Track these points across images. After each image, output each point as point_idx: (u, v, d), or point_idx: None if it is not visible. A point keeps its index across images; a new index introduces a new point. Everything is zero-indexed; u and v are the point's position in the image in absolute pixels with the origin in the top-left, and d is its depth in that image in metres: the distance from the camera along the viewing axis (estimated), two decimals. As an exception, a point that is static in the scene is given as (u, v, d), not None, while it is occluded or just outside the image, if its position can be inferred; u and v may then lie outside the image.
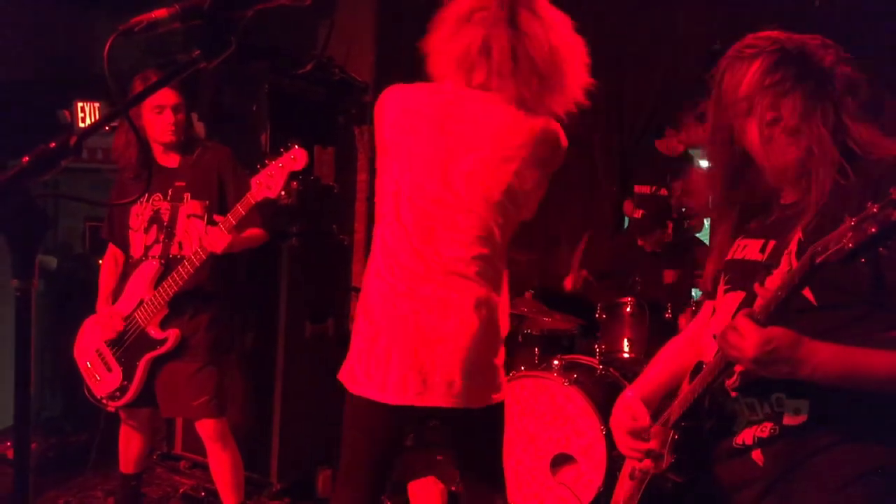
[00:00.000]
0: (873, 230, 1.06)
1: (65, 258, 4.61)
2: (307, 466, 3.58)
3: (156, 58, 3.06)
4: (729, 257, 1.55)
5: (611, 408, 1.74)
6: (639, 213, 4.32)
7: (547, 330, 3.78)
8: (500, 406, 2.03)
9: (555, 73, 1.89)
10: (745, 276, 1.46)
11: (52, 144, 0.92)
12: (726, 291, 1.52)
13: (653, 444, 1.58)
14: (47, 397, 4.52)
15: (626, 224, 4.72)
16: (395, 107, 1.99)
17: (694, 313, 3.30)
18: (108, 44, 0.97)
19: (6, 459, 3.67)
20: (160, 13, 0.98)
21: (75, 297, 2.99)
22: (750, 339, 1.22)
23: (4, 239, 0.93)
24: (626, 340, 3.65)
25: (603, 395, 3.28)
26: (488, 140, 1.90)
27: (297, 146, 2.56)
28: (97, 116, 4.49)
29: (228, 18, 1.00)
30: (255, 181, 2.58)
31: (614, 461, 3.10)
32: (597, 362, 3.56)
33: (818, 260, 1.14)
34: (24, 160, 0.90)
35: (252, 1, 1.01)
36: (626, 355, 3.63)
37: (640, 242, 4.10)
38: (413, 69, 2.49)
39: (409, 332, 1.87)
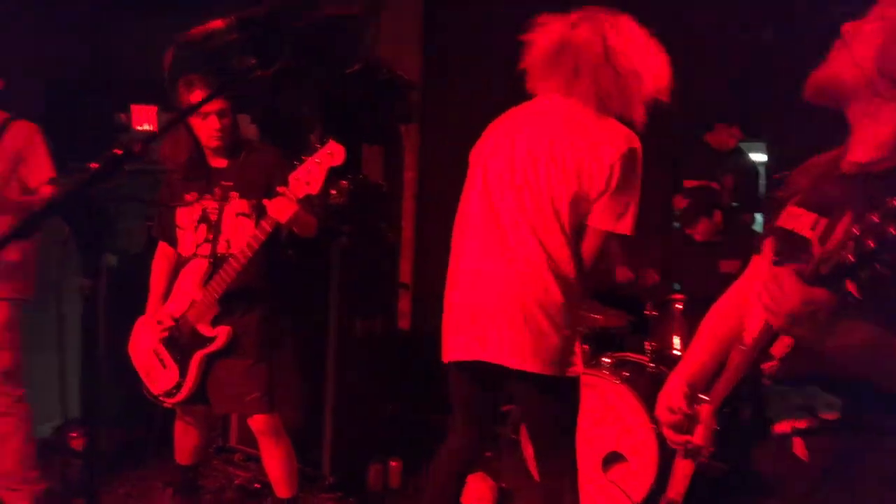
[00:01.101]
0: (871, 245, 1.01)
1: (123, 257, 4.75)
2: (359, 460, 3.64)
3: (207, 61, 3.12)
4: (780, 223, 1.50)
5: None
6: (684, 203, 4.26)
7: (597, 327, 3.77)
8: (565, 382, 2.26)
9: (631, 80, 2.12)
10: (792, 251, 1.39)
11: (118, 151, 0.97)
12: (774, 263, 1.46)
13: (695, 436, 1.58)
14: (109, 392, 4.68)
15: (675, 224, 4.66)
16: (488, 136, 2.38)
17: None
18: (169, 56, 1.01)
19: (71, 450, 3.81)
20: (217, 24, 1.01)
21: (134, 296, 3.06)
22: (792, 293, 1.18)
23: (73, 241, 0.98)
24: (677, 337, 3.62)
25: (654, 394, 3.24)
26: (562, 136, 2.16)
27: (333, 141, 2.55)
28: (153, 119, 4.62)
29: (282, 28, 1.03)
30: (293, 178, 2.59)
31: (666, 460, 3.08)
32: (647, 360, 3.54)
33: (822, 271, 1.11)
34: (92, 166, 0.95)
35: (304, 11, 1.04)
36: (677, 352, 3.59)
37: (687, 231, 4.04)
38: (458, 67, 2.56)
39: (471, 297, 2.26)
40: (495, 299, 2.20)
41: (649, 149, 4.47)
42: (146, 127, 4.68)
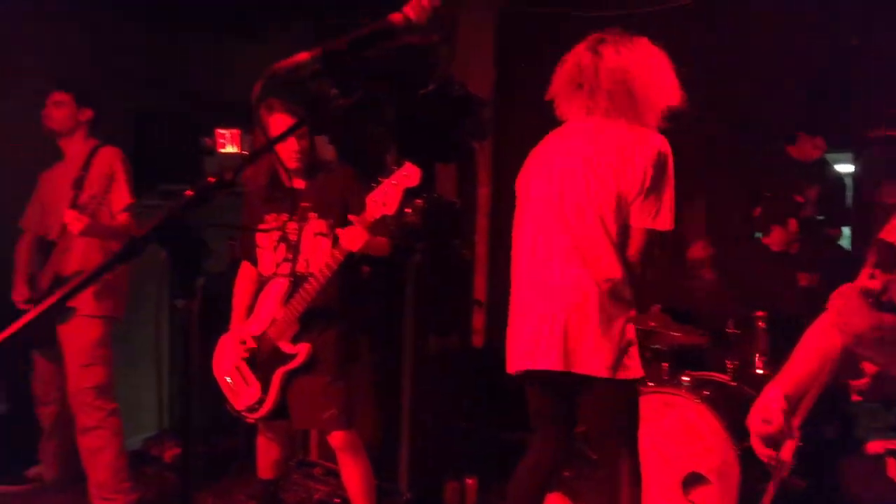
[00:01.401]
0: None
1: (208, 276, 4.93)
2: (436, 477, 3.66)
3: (291, 89, 3.22)
4: (883, 235, 1.46)
5: (744, 426, 1.71)
6: (757, 212, 4.14)
7: (676, 345, 3.69)
8: (621, 386, 2.32)
9: (641, 95, 2.33)
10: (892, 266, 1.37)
11: (211, 179, 1.03)
12: (871, 277, 1.43)
13: (783, 451, 1.55)
14: (196, 405, 4.84)
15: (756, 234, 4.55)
16: (529, 164, 2.56)
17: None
18: (257, 88, 1.07)
19: (161, 462, 3.96)
20: (303, 56, 1.06)
21: (218, 313, 3.17)
22: (861, 316, 1.17)
23: (169, 264, 1.04)
24: (759, 356, 3.51)
25: (736, 414, 3.16)
26: (594, 150, 2.33)
27: (408, 163, 2.61)
28: (236, 142, 4.80)
29: (363, 58, 1.07)
30: (369, 200, 2.65)
31: (749, 481, 2.99)
32: (729, 379, 3.45)
33: (887, 297, 1.08)
34: (187, 194, 1.01)
35: (384, 41, 1.09)
36: (759, 371, 3.48)
37: (763, 241, 3.93)
38: (530, 83, 2.61)
39: (528, 310, 2.39)
40: (550, 308, 2.32)
41: (727, 161, 4.41)
42: (230, 150, 4.87)
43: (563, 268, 2.33)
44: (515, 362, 2.46)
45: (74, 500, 3.58)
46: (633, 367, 2.35)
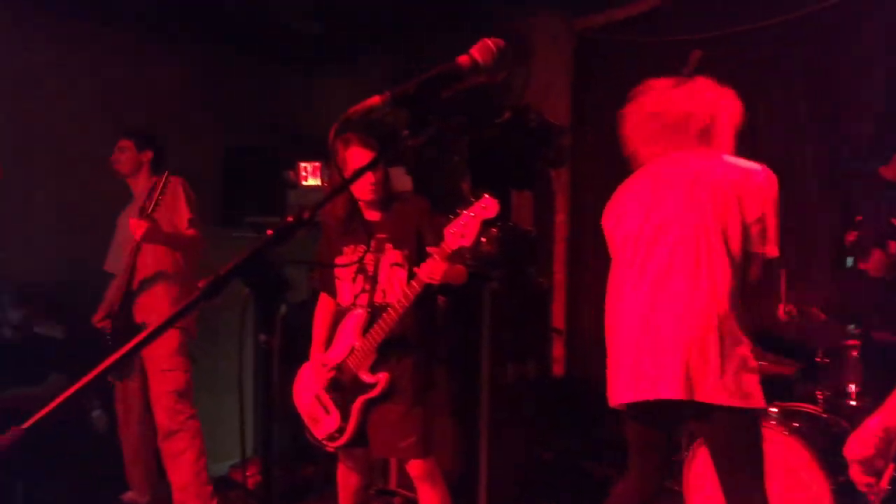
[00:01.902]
0: None
1: (289, 306, 5.08)
2: (514, 506, 3.64)
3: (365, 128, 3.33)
4: None
5: (838, 460, 1.68)
6: (854, 236, 3.97)
7: (763, 374, 3.57)
8: (743, 414, 2.27)
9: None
10: None
11: (290, 218, 1.08)
12: None
13: (882, 481, 1.52)
14: (276, 433, 4.97)
15: (848, 260, 4.36)
16: (611, 208, 2.64)
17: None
18: (333, 131, 1.12)
19: (244, 489, 4.08)
20: (374, 101, 1.11)
21: (301, 342, 3.27)
22: None
23: (252, 299, 1.10)
24: (853, 386, 3.36)
25: (829, 447, 3.04)
26: (688, 183, 2.38)
27: (487, 195, 2.64)
28: (317, 175, 4.95)
29: (432, 99, 1.11)
30: (448, 231, 2.69)
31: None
32: (821, 410, 3.31)
33: None
34: (268, 233, 1.07)
35: (451, 83, 1.13)
36: (853, 403, 3.34)
37: (861, 266, 3.76)
38: (606, 109, 2.63)
39: (632, 337, 2.38)
40: (664, 336, 2.30)
41: (817, 185, 4.26)
42: (312, 182, 5.03)
43: (680, 296, 2.31)
44: (623, 394, 2.43)
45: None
46: (756, 397, 2.30)
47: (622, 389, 2.43)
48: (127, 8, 4.65)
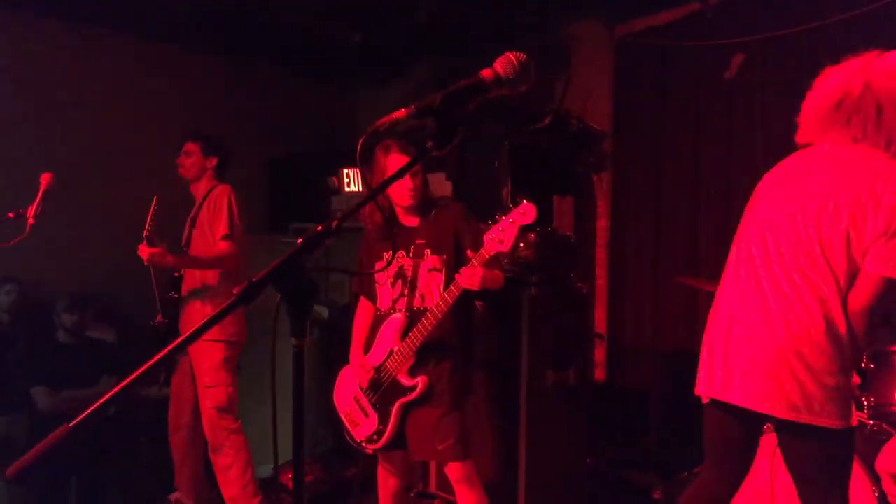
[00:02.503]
0: None
1: (333, 309, 5.17)
2: (553, 512, 3.64)
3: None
4: None
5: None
6: None
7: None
8: (827, 433, 2.16)
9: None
10: None
11: (319, 228, 1.13)
12: None
13: None
14: (320, 434, 5.05)
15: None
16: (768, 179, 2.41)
17: None
18: (361, 142, 1.17)
19: (289, 490, 4.16)
20: (399, 114, 1.16)
21: (343, 344, 3.33)
22: None
23: (284, 304, 1.15)
24: (898, 393, 3.29)
25: (874, 454, 2.98)
26: (838, 181, 2.16)
27: (525, 201, 2.66)
28: (359, 180, 5.03)
29: (456, 112, 1.15)
30: (487, 237, 2.72)
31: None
32: (866, 417, 3.25)
33: None
34: (298, 242, 1.12)
35: (475, 95, 1.16)
36: (898, 410, 3.27)
37: None
38: (648, 114, 2.60)
39: (735, 342, 2.30)
40: (757, 342, 2.23)
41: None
42: (354, 189, 5.12)
43: (779, 299, 2.20)
44: (711, 388, 2.36)
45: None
46: (852, 416, 2.21)
47: (710, 382, 2.36)
48: (172, 22, 4.79)
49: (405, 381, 2.99)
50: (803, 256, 2.19)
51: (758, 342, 2.23)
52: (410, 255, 3.08)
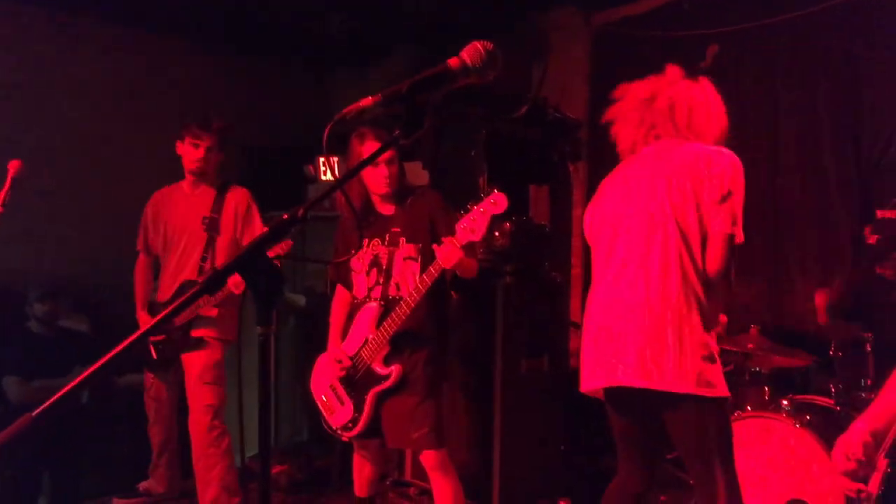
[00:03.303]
0: None
1: (310, 296, 5.16)
2: (528, 499, 3.67)
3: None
4: None
5: None
6: (874, 239, 3.92)
7: (777, 368, 3.57)
8: (705, 403, 2.25)
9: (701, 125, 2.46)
10: None
11: (285, 216, 1.13)
12: None
13: (870, 485, 1.51)
14: (298, 424, 5.05)
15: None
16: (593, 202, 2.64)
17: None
18: (327, 130, 1.16)
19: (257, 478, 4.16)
20: (366, 102, 1.15)
21: (321, 333, 3.33)
22: None
23: (251, 293, 1.14)
24: (865, 380, 3.35)
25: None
26: (670, 165, 2.38)
27: (496, 191, 2.68)
28: (336, 169, 5.01)
29: (423, 100, 1.15)
30: (459, 226, 2.73)
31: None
32: (833, 403, 3.31)
33: None
34: (264, 230, 1.11)
35: (442, 84, 1.16)
36: (865, 396, 3.32)
37: (878, 270, 3.73)
38: None
39: (602, 325, 2.40)
40: (621, 325, 2.33)
41: (832, 177, 4.22)
42: (331, 177, 5.09)
43: (636, 285, 2.33)
44: (589, 380, 2.47)
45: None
46: (719, 386, 2.27)
47: (586, 376, 2.47)
48: (146, 7, 4.72)
49: (380, 369, 3.00)
50: (647, 241, 2.34)
51: (631, 323, 2.31)
52: (386, 243, 3.08)
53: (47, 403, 1.01)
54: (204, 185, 3.69)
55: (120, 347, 1.03)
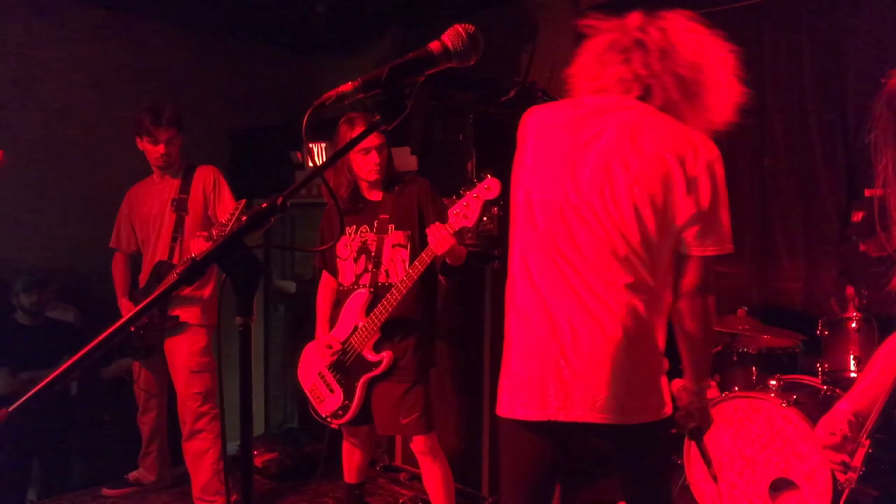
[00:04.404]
0: None
1: (301, 283, 5.14)
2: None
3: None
4: None
5: None
6: (859, 216, 3.93)
7: (765, 348, 3.59)
8: (658, 426, 1.89)
9: (697, 89, 1.87)
10: None
11: (265, 205, 1.11)
12: None
13: (854, 459, 1.52)
14: (288, 411, 5.04)
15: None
16: (536, 122, 2.01)
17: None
18: (306, 116, 1.15)
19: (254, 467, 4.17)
20: (346, 87, 1.14)
21: (311, 320, 3.32)
22: None
23: (231, 283, 1.13)
24: (852, 358, 3.37)
25: (828, 418, 3.07)
26: (623, 145, 1.83)
27: (490, 176, 2.67)
28: (323, 155, 4.97)
29: (403, 85, 1.14)
30: (451, 212, 2.73)
31: (841, 486, 2.89)
32: (819, 382, 3.33)
33: None
34: (243, 219, 1.10)
35: (423, 68, 1.15)
36: (852, 374, 3.35)
37: (862, 248, 3.74)
38: None
39: (549, 345, 1.85)
40: (576, 349, 1.83)
41: (819, 156, 4.22)
42: (318, 163, 5.05)
43: (594, 297, 1.83)
44: (524, 409, 1.91)
45: (174, 501, 3.83)
46: (669, 403, 1.93)
47: (524, 403, 1.89)
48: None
49: (370, 356, 2.99)
50: (608, 240, 1.82)
51: (580, 348, 1.83)
52: (374, 230, 3.06)
53: (25, 397, 1.00)
54: (171, 173, 3.69)
55: (101, 337, 1.02)
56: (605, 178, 1.83)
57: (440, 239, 2.74)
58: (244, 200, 3.33)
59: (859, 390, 1.65)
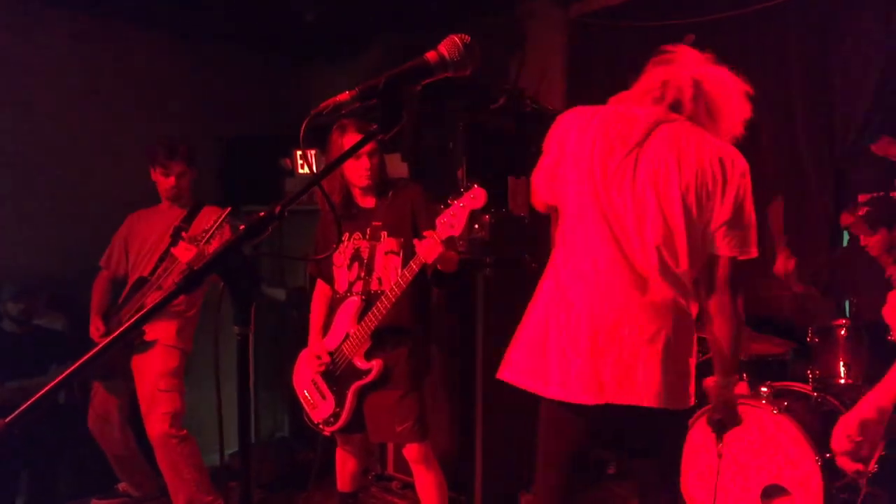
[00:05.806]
0: None
1: (289, 291, 5.12)
2: (510, 489, 3.68)
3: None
4: None
5: (827, 437, 1.69)
6: (863, 211, 3.94)
7: (755, 355, 3.61)
8: (687, 413, 2.15)
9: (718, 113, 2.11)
10: None
11: (262, 214, 1.11)
12: None
13: (870, 465, 1.54)
14: (280, 419, 5.02)
15: (844, 239, 4.37)
16: (578, 124, 2.20)
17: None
18: (304, 126, 1.15)
19: (236, 476, 4.14)
20: (343, 97, 1.14)
21: (300, 327, 3.31)
22: None
23: (227, 292, 1.13)
24: (842, 365, 3.39)
25: (818, 424, 3.09)
26: (670, 153, 2.04)
27: (476, 185, 2.68)
28: (313, 162, 4.97)
29: (400, 94, 1.14)
30: (439, 221, 2.74)
31: (832, 495, 2.91)
32: (810, 389, 3.35)
33: None
34: (240, 228, 1.10)
35: (420, 78, 1.15)
36: (842, 381, 3.37)
37: (862, 242, 3.76)
38: (602, 95, 2.57)
39: (610, 336, 2.02)
40: (633, 339, 2.00)
41: (809, 161, 4.25)
42: (308, 171, 5.05)
43: (637, 284, 2.03)
44: (568, 391, 2.08)
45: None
46: (693, 392, 2.10)
47: (581, 388, 2.03)
48: (118, -1, 4.64)
49: (360, 364, 2.99)
50: (649, 239, 2.02)
51: (623, 333, 2.01)
52: (367, 237, 3.06)
53: (23, 408, 0.99)
54: (179, 204, 3.74)
55: (91, 354, 1.01)
56: (654, 181, 2.02)
57: (427, 247, 2.74)
58: (228, 208, 3.35)
59: (884, 387, 1.66)
